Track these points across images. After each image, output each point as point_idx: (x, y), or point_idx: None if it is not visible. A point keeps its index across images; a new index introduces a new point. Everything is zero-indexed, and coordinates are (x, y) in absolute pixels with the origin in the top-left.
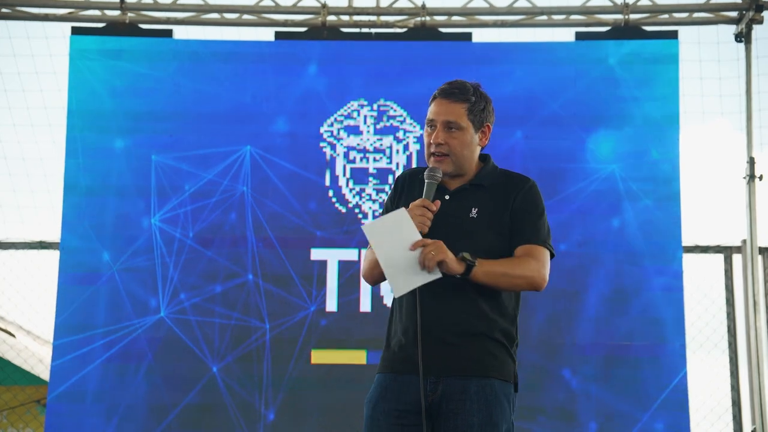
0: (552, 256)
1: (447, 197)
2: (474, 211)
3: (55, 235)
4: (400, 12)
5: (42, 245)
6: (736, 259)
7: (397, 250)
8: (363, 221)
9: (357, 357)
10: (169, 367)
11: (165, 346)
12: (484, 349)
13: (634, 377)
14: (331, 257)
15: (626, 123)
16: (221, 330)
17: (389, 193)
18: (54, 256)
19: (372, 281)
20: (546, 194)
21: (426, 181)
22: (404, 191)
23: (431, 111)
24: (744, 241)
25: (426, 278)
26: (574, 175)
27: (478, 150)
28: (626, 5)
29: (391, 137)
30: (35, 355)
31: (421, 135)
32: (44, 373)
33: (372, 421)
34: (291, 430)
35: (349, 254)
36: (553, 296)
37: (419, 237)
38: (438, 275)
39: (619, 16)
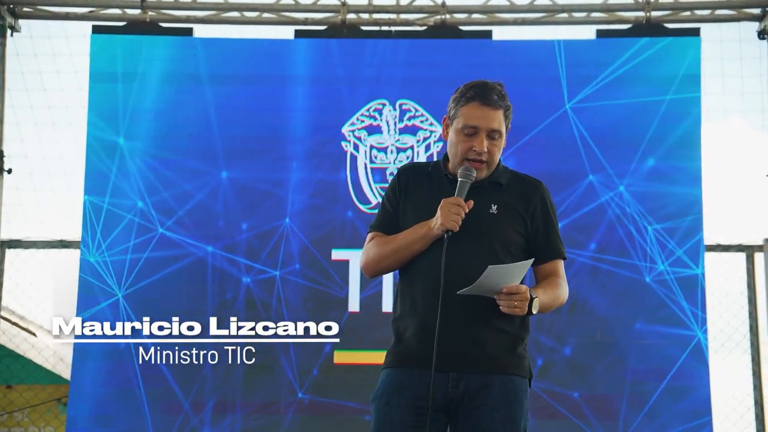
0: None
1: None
2: (494, 207)
3: (76, 234)
4: (420, 10)
5: (62, 244)
6: (758, 257)
7: (496, 279)
8: None
9: (379, 357)
10: None
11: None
12: (505, 345)
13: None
14: (353, 257)
15: (648, 121)
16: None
17: (391, 187)
18: (75, 255)
19: (373, 273)
20: (567, 192)
21: (460, 179)
22: (410, 187)
23: (473, 116)
24: (766, 240)
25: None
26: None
27: None
28: (648, 2)
29: (413, 137)
30: (56, 353)
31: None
32: (65, 372)
33: (385, 417)
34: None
35: None
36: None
37: (518, 282)
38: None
39: (641, 14)
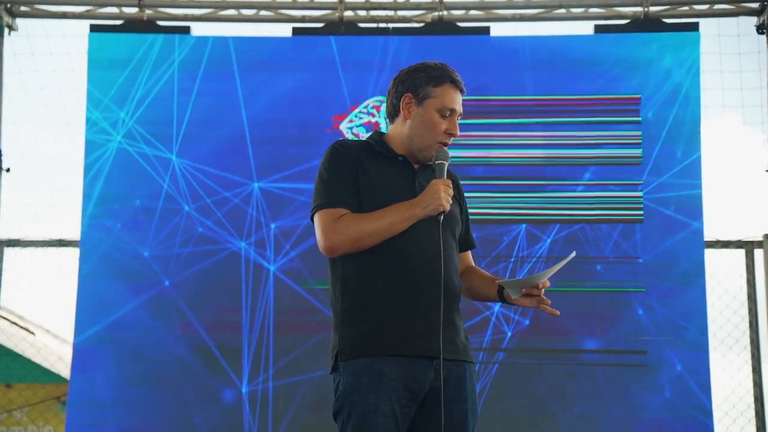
0: None
1: (418, 177)
2: None
3: (74, 233)
4: (417, 6)
5: (61, 243)
6: (758, 254)
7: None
8: None
9: None
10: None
11: None
12: (465, 333)
13: (657, 375)
14: None
15: (646, 117)
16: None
17: (340, 160)
18: (73, 253)
19: (344, 251)
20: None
21: (438, 162)
22: (366, 164)
23: (452, 99)
24: (766, 236)
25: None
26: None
27: None
28: None
29: None
30: (55, 352)
31: None
32: (64, 371)
33: (371, 408)
34: None
35: None
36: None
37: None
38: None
39: (639, 9)
